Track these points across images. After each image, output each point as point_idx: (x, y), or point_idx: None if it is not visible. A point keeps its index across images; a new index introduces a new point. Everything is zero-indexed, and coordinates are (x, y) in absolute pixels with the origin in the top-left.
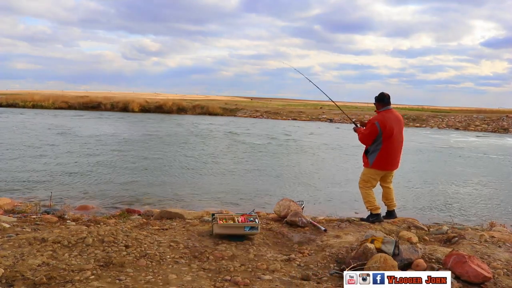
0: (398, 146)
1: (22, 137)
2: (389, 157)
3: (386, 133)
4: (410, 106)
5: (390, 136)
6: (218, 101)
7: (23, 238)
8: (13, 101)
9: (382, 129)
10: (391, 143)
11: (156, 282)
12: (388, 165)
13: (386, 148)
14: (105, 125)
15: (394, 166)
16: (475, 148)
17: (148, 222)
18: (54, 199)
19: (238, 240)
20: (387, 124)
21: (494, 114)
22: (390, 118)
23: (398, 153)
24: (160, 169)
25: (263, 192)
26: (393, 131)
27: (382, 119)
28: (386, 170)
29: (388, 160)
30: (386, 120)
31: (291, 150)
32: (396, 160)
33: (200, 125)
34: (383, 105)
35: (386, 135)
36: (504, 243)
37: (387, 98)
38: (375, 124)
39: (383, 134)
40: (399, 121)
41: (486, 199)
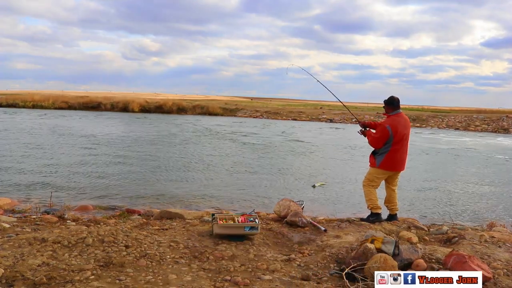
0: (405, 148)
1: (21, 137)
2: (396, 159)
3: (397, 137)
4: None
5: (400, 140)
6: (218, 101)
7: (23, 238)
8: (13, 101)
9: (394, 133)
10: (400, 146)
11: (156, 282)
12: (396, 166)
13: (395, 150)
14: (105, 125)
15: (401, 167)
16: (475, 148)
17: (148, 222)
18: (54, 199)
19: (238, 240)
20: (398, 129)
21: (494, 114)
22: (400, 122)
23: (405, 155)
24: (160, 169)
25: (263, 192)
26: (403, 135)
27: (393, 124)
28: (393, 170)
29: (395, 161)
30: (397, 124)
31: (291, 150)
32: (403, 161)
33: (200, 125)
34: (393, 109)
35: (396, 139)
36: (504, 243)
37: (396, 101)
38: (387, 128)
39: (394, 138)
40: (408, 124)
41: (486, 199)
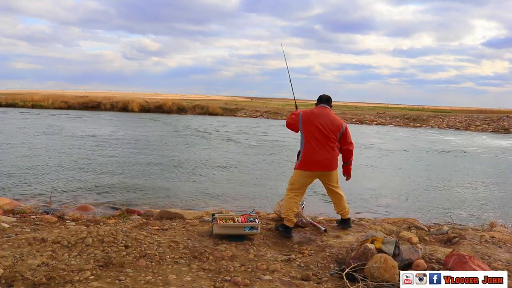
0: (326, 147)
1: (21, 137)
2: (312, 156)
3: (307, 127)
4: (410, 106)
5: (312, 132)
6: (218, 101)
7: (23, 238)
8: (12, 101)
9: (304, 120)
10: (316, 142)
11: (156, 283)
12: (312, 165)
13: (311, 147)
14: (104, 125)
15: (320, 167)
16: (475, 148)
17: (148, 222)
18: (54, 199)
19: (238, 240)
20: (310, 117)
21: (494, 114)
22: (315, 113)
23: (326, 153)
24: (160, 169)
25: (263, 192)
26: (316, 127)
27: (307, 112)
28: (311, 170)
29: (311, 159)
30: (310, 113)
31: (291, 150)
32: (324, 160)
33: (200, 125)
34: (318, 104)
35: (306, 129)
36: (505, 244)
37: (324, 98)
38: (299, 113)
39: (303, 126)
40: (329, 120)
41: (487, 199)
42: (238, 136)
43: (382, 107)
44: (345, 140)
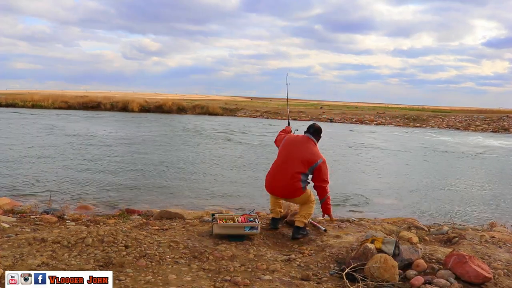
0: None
1: (21, 137)
2: (271, 178)
3: (281, 149)
4: (410, 106)
5: (281, 155)
6: (218, 101)
7: (23, 238)
8: (12, 101)
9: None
10: (280, 163)
11: (156, 283)
12: (270, 186)
13: (273, 168)
14: (104, 125)
15: (275, 191)
16: (475, 148)
17: (148, 222)
18: (54, 199)
19: (238, 240)
20: (288, 141)
21: (494, 114)
22: (291, 138)
23: (285, 179)
24: (160, 169)
25: (263, 192)
26: (287, 151)
27: (291, 137)
28: (268, 191)
29: (269, 180)
30: (290, 138)
31: None
32: (281, 187)
33: (200, 125)
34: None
35: (280, 151)
36: (505, 244)
37: (311, 129)
38: (285, 136)
39: (281, 147)
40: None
41: (487, 199)
42: (238, 136)
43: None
44: (319, 176)
